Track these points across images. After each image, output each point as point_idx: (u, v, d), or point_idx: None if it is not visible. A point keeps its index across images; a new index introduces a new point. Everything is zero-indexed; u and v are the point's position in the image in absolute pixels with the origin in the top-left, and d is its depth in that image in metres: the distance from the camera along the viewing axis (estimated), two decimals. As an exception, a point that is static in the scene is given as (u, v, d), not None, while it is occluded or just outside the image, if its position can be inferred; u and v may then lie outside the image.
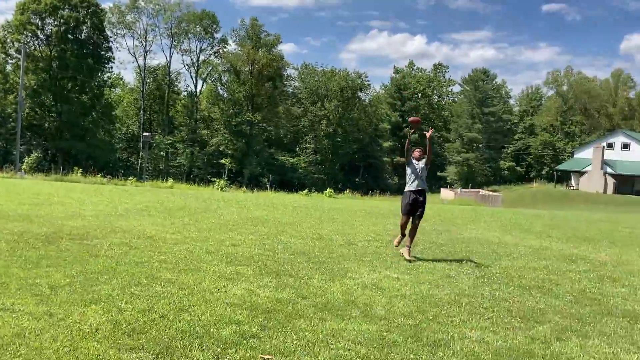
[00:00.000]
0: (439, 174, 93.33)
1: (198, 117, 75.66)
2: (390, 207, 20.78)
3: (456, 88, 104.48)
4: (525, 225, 15.90)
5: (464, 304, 6.05)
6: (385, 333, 4.84)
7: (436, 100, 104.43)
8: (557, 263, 9.19)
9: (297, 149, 79.66)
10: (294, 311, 5.31)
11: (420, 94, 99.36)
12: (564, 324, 5.54)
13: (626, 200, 60.01)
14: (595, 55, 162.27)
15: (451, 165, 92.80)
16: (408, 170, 9.09)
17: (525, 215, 20.60)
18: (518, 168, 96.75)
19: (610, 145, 70.31)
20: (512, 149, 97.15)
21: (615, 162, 67.99)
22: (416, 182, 8.88)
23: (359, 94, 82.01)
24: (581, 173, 69.98)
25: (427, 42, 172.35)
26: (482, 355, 4.47)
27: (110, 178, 28.16)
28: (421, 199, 8.85)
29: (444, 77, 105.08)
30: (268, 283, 6.38)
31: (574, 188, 70.74)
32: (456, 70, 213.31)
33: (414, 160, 9.07)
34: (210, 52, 75.19)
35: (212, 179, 50.84)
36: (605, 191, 66.05)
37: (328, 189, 37.60)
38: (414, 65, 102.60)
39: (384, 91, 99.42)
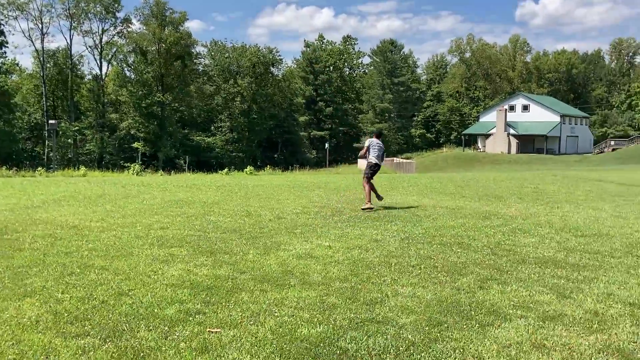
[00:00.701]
0: (355, 144, 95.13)
1: (105, 100, 72.40)
2: (312, 180, 21.11)
3: (366, 60, 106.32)
4: (440, 188, 16.75)
5: (393, 264, 6.42)
6: (324, 297, 5.10)
7: (348, 72, 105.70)
8: (473, 220, 9.85)
9: (213, 128, 78.34)
10: (234, 286, 5.45)
11: (332, 67, 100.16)
12: (484, 274, 6.03)
13: (529, 159, 64.05)
14: (494, 22, 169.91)
15: (366, 135, 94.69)
16: (371, 150, 11.63)
17: (439, 179, 21.63)
18: (429, 135, 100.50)
19: (511, 108, 74.38)
20: (422, 116, 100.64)
21: (517, 124, 72.13)
22: (376, 156, 11.62)
23: (272, 69, 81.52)
24: (487, 136, 73.73)
25: (334, 15, 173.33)
26: (415, 308, 4.82)
27: (16, 170, 26.57)
28: (377, 168, 11.74)
29: (353, 49, 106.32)
30: (204, 262, 6.45)
31: (481, 150, 74.50)
32: (365, 42, 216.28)
33: (374, 140, 11.69)
34: (114, 33, 71.82)
35: (126, 165, 49.18)
36: (509, 151, 70.07)
37: (248, 167, 37.46)
38: (324, 39, 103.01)
39: (296, 65, 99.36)
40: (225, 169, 37.49)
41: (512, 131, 71.25)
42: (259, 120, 76.60)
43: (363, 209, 10.99)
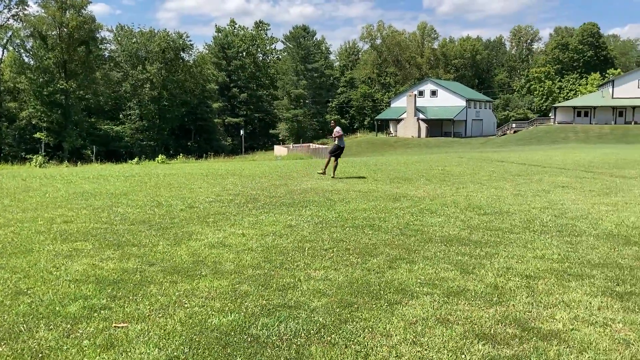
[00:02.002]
0: (271, 131, 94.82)
1: (2, 88, 67.48)
2: (227, 167, 20.79)
3: (279, 46, 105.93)
4: (353, 172, 17.04)
5: (306, 249, 6.47)
6: (236, 285, 5.05)
7: (261, 58, 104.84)
8: (384, 202, 10.11)
9: (121, 116, 75.19)
10: (143, 278, 5.28)
11: (245, 53, 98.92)
12: (394, 254, 6.22)
13: (437, 142, 66.60)
14: (404, 9, 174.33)
15: (282, 122, 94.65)
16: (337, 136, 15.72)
17: (353, 163, 22.00)
18: (343, 120, 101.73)
19: (421, 93, 76.91)
20: (336, 102, 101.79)
21: (426, 108, 74.71)
22: (338, 140, 15.69)
23: (182, 54, 79.19)
24: (398, 121, 75.85)
25: (247, 0, 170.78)
26: (326, 290, 4.89)
27: None
28: (340, 149, 15.74)
29: (266, 34, 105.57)
30: (111, 255, 6.20)
31: (393, 135, 76.59)
32: (278, 28, 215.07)
33: (337, 128, 15.89)
34: (8, 16, 66.84)
35: (28, 156, 46.21)
36: (419, 135, 72.51)
37: (160, 156, 36.30)
38: (236, 24, 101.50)
39: (208, 51, 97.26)
40: (136, 159, 36.15)
41: (421, 116, 73.70)
42: (170, 107, 74.38)
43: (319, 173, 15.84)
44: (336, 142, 15.80)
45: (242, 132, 71.64)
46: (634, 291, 4.88)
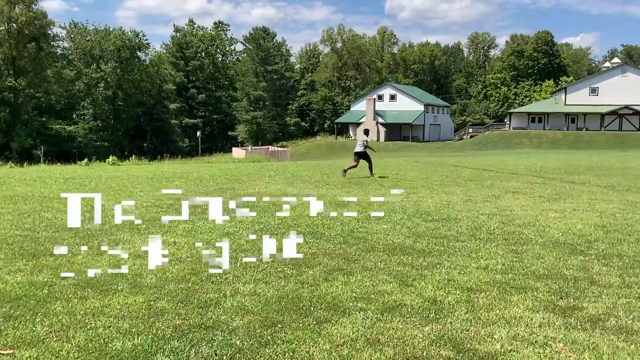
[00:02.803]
0: (229, 133, 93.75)
1: (-56, 85, 64.46)
2: (177, 170, 20.14)
3: (239, 47, 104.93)
4: (306, 176, 16.69)
5: (240, 260, 6.04)
6: (153, 302, 4.58)
7: (220, 59, 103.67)
8: (332, 208, 9.76)
9: (75, 115, 72.96)
10: (50, 294, 4.75)
11: (203, 53, 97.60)
12: (332, 265, 5.85)
13: (395, 146, 67.00)
14: (365, 14, 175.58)
15: (241, 124, 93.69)
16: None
17: (307, 167, 21.66)
18: (303, 123, 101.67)
19: (380, 97, 77.34)
20: (296, 105, 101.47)
21: (385, 112, 75.14)
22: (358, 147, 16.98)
23: (139, 53, 77.58)
24: (358, 124, 75.98)
25: (208, 0, 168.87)
26: (252, 307, 4.47)
27: None
28: (360, 155, 16.84)
29: (225, 35, 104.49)
30: (22, 267, 5.63)
31: (353, 139, 76.66)
32: (240, 29, 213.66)
33: (363, 137, 17.32)
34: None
35: (-29, 156, 44.23)
36: (378, 139, 72.83)
37: (110, 157, 35.18)
38: (194, 24, 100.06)
39: (165, 51, 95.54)
40: (85, 160, 34.90)
41: (380, 120, 74.08)
42: (125, 107, 72.60)
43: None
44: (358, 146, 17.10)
45: (198, 133, 70.37)
46: (577, 305, 4.63)
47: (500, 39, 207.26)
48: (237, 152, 63.83)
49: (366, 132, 17.85)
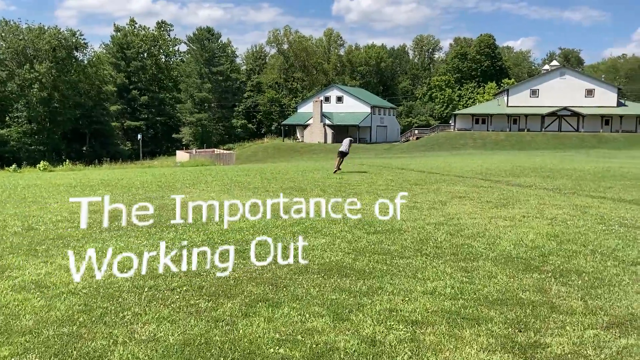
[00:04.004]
0: (174, 136, 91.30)
1: None
2: (108, 176, 18.75)
3: (183, 47, 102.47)
4: (246, 183, 15.73)
5: (147, 289, 5.10)
6: (16, 356, 3.59)
7: (164, 60, 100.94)
8: (266, 219, 8.86)
9: (7, 118, 69.04)
10: None
11: (146, 54, 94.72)
12: (256, 293, 4.99)
13: (343, 148, 66.63)
14: (313, 16, 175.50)
15: (185, 126, 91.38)
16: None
17: (248, 172, 20.66)
18: (250, 125, 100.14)
19: (327, 99, 76.86)
20: (242, 107, 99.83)
21: (332, 114, 74.72)
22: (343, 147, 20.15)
23: (76, 53, 74.21)
24: (305, 126, 75.30)
25: (153, 0, 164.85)
26: (145, 361, 3.56)
27: None
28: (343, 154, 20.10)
29: (169, 35, 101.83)
30: None
31: (300, 140, 75.95)
32: (187, 31, 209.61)
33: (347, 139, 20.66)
34: None
35: None
36: (326, 141, 72.32)
37: (42, 162, 33.15)
38: (136, 23, 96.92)
39: (105, 51, 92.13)
40: (13, 165, 32.74)
41: (327, 122, 73.60)
42: (62, 109, 69.23)
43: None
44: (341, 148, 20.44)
45: (139, 136, 67.89)
46: (538, 341, 3.94)
47: (445, 41, 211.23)
48: (181, 155, 61.92)
49: (351, 138, 21.88)
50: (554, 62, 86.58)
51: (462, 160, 29.58)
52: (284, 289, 5.15)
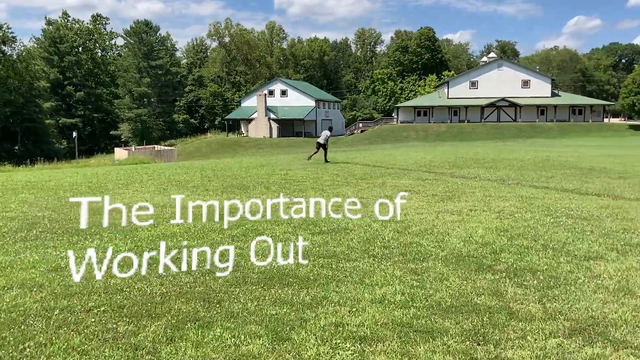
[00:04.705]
0: (112, 132, 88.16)
1: None
2: (32, 177, 17.50)
3: (120, 41, 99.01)
4: (184, 181, 14.95)
5: (58, 311, 4.42)
6: None
7: (100, 54, 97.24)
8: (203, 222, 8.25)
9: None
10: None
11: (80, 48, 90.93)
12: (185, 312, 4.42)
13: (289, 142, 66.05)
14: (255, 10, 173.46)
15: (124, 122, 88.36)
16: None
17: (189, 169, 19.80)
18: (192, 120, 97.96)
19: (271, 93, 75.97)
20: (184, 101, 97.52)
21: (277, 108, 73.94)
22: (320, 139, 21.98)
23: (4, 48, 70.28)
24: (249, 120, 74.21)
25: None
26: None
27: None
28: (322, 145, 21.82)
29: (105, 29, 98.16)
30: None
31: (245, 135, 74.80)
32: (125, 24, 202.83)
33: (327, 132, 22.24)
34: None
35: None
36: (271, 135, 71.53)
37: (-35, 164, 30.97)
38: (69, 16, 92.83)
39: (37, 45, 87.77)
40: None
41: (272, 116, 72.79)
42: (-10, 107, 65.52)
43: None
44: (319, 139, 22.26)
45: (74, 134, 65.08)
46: (499, 356, 3.57)
47: (386, 35, 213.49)
48: (120, 152, 59.71)
49: (330, 129, 22.87)
50: (492, 54, 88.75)
51: (406, 153, 29.61)
52: (218, 304, 4.60)
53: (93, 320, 4.25)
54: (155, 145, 69.47)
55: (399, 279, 5.28)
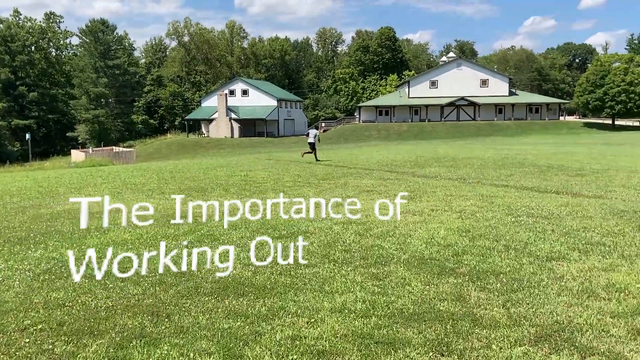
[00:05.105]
0: (69, 134, 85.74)
1: None
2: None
3: (75, 40, 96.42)
4: (140, 184, 14.46)
5: (-10, 332, 4.04)
6: None
7: (54, 53, 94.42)
8: (156, 228, 7.90)
9: None
10: None
11: (33, 47, 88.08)
12: (131, 327, 4.10)
13: (250, 142, 65.45)
14: (215, 9, 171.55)
15: (81, 123, 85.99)
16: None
17: (145, 171, 19.23)
18: (152, 121, 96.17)
19: (232, 92, 75.16)
20: (143, 102, 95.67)
21: (238, 108, 73.20)
22: (310, 138, 24.36)
23: (-49, 47, 67.47)
24: (210, 120, 73.25)
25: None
26: None
27: None
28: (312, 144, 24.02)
29: (59, 28, 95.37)
30: None
31: (206, 135, 73.79)
32: (80, 23, 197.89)
33: (314, 131, 25.00)
34: None
35: None
36: (232, 135, 70.73)
37: None
38: (20, 14, 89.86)
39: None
40: None
41: (233, 115, 72.03)
42: (-64, 109, 62.75)
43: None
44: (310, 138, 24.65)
45: (28, 136, 63.01)
46: (464, 368, 3.39)
47: (347, 34, 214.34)
48: (76, 154, 58.01)
49: (316, 127, 23.16)
50: (451, 54, 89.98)
51: (368, 152, 29.60)
52: (167, 319, 4.30)
53: (27, 340, 3.89)
54: (114, 147, 67.83)
55: (359, 285, 5.08)
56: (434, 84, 75.60)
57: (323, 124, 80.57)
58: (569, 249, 6.26)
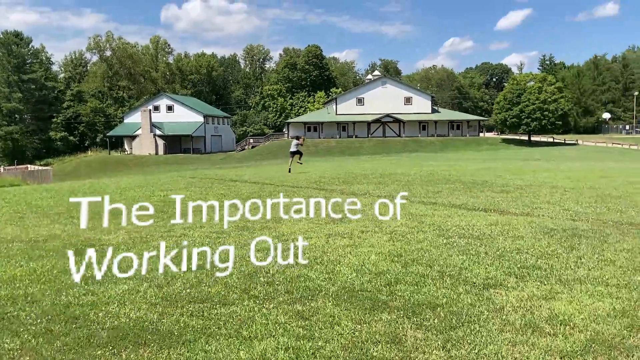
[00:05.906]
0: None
1: None
2: None
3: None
4: (47, 206, 13.21)
5: None
6: None
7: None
8: (57, 259, 6.98)
9: None
10: None
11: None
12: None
13: (176, 159, 63.55)
14: (141, 24, 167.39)
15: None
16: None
17: (59, 192, 17.79)
18: (72, 138, 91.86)
19: (156, 108, 73.01)
20: (62, 118, 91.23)
21: (163, 124, 71.11)
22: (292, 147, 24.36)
23: None
24: (133, 137, 70.67)
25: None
26: None
27: None
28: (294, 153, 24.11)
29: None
30: None
31: (129, 152, 71.09)
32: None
33: (295, 140, 24.71)
34: None
35: None
36: (157, 152, 68.52)
37: None
38: None
39: None
40: None
41: (158, 132, 69.88)
42: None
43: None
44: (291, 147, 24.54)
45: None
46: None
47: (275, 52, 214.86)
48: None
49: (297, 137, 24.96)
50: (376, 72, 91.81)
51: (296, 168, 29.10)
52: (72, 352, 3.51)
53: None
54: (28, 165, 63.96)
55: (283, 327, 4.47)
56: (360, 101, 76.61)
57: (251, 140, 79.69)
58: (505, 274, 5.93)
